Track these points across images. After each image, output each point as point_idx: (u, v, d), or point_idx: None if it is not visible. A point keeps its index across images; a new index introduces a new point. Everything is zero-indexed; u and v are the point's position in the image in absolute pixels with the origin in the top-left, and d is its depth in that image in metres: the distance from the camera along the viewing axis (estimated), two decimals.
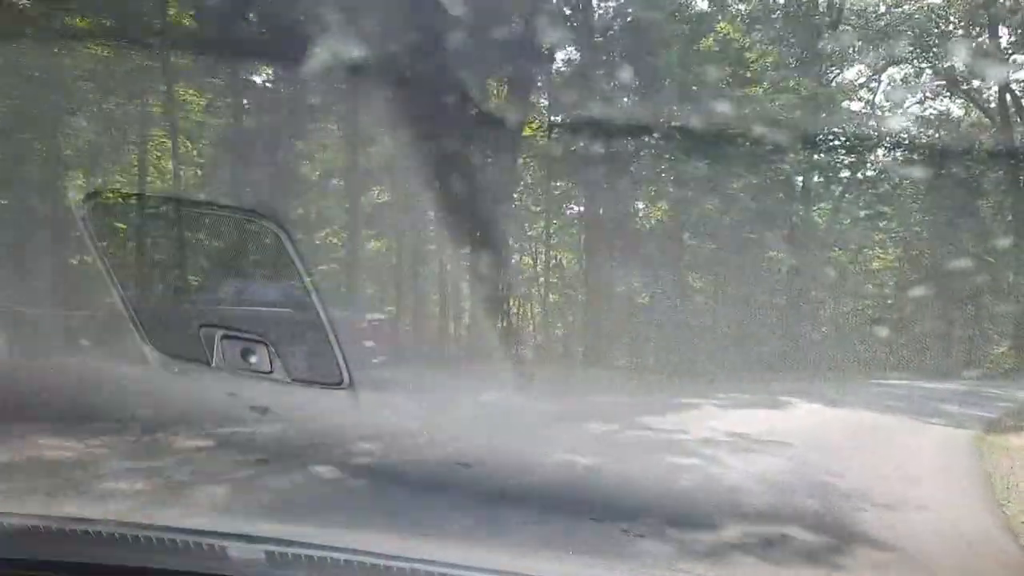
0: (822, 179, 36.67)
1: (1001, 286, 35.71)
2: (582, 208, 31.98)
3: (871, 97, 41.28)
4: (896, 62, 39.47)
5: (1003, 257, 35.11)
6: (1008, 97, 39.78)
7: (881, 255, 38.66)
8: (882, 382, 26.81)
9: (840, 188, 37.81)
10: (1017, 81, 40.45)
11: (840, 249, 36.96)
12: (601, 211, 30.06)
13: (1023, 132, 39.48)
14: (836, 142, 34.78)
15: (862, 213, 37.80)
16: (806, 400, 18.39)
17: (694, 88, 28.50)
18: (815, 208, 36.86)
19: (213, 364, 4.52)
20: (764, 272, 33.20)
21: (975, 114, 40.85)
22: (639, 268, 29.86)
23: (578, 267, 31.65)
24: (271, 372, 4.50)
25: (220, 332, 4.58)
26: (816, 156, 33.89)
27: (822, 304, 35.67)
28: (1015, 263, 37.42)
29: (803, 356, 29.57)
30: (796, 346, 30.42)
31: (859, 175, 37.59)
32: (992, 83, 40.39)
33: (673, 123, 27.68)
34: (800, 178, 35.37)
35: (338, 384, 4.53)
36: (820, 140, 33.56)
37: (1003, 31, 40.14)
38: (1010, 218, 38.61)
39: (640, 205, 32.55)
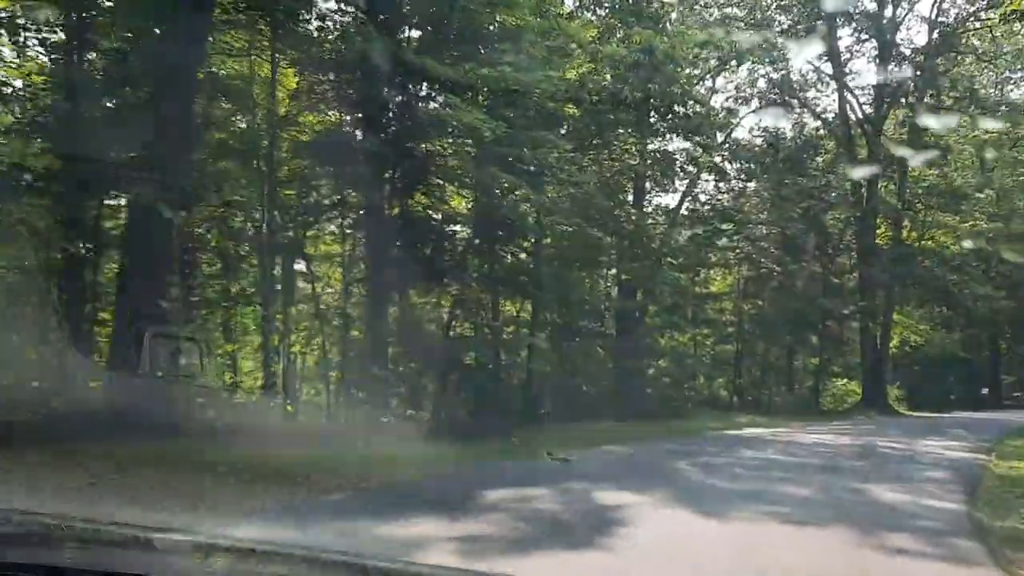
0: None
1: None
2: None
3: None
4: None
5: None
6: (847, 108, 37.87)
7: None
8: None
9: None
10: (859, 88, 38.79)
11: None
12: None
13: (864, 142, 37.10)
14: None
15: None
16: None
17: None
18: None
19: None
20: None
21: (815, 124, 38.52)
22: None
23: None
24: (200, 375, 5.11)
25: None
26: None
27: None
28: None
29: None
30: None
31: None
32: (831, 92, 38.58)
33: None
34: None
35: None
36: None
37: (842, 35, 38.28)
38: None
39: None
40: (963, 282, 37.20)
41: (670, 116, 25.22)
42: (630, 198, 29.46)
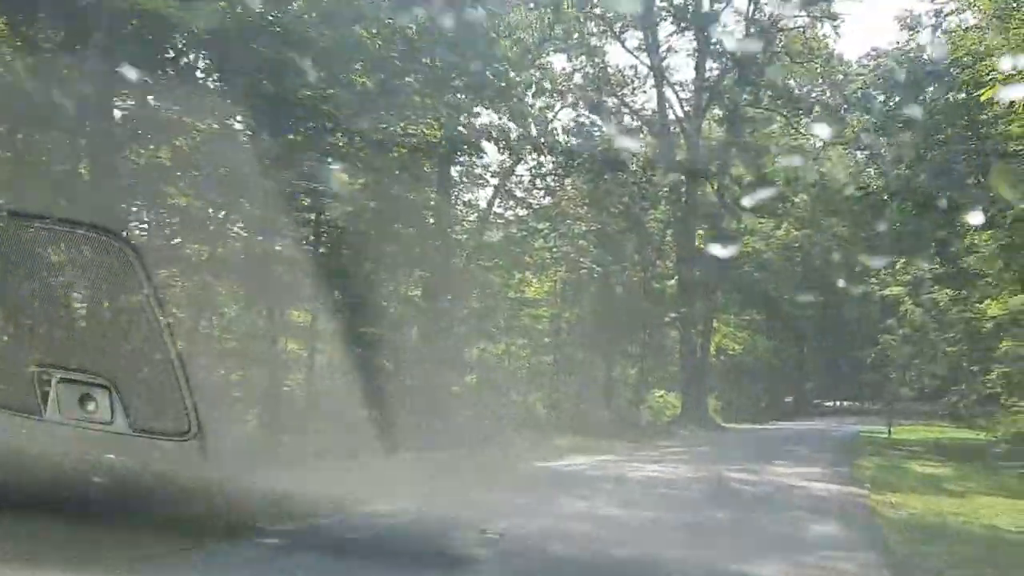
0: None
1: None
2: None
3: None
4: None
5: None
6: (666, 105, 35.82)
7: None
8: None
9: None
10: (680, 85, 36.81)
11: None
12: None
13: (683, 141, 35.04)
14: None
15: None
16: None
17: None
18: None
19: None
20: None
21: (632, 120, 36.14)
22: None
23: None
24: (111, 422, 4.03)
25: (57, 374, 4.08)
26: None
27: None
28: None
29: None
30: None
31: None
32: (649, 87, 36.46)
33: None
34: None
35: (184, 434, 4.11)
36: None
37: (661, 29, 36.25)
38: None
39: None
40: (780, 287, 36.07)
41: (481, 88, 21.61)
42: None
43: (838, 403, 58.91)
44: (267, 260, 18.05)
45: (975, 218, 24.29)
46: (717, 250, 33.56)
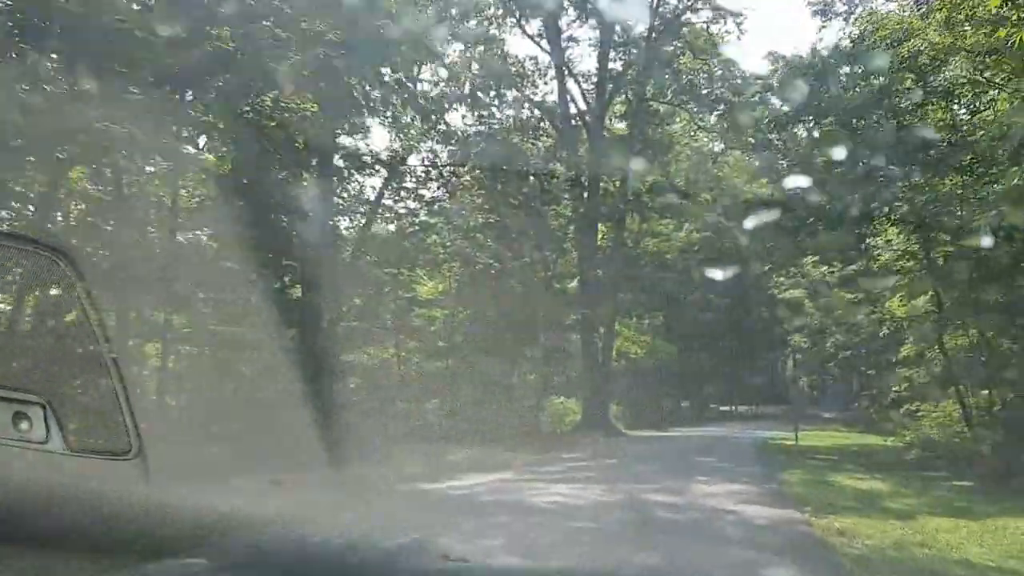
0: None
1: None
2: None
3: None
4: None
5: None
6: (568, 97, 34.09)
7: None
8: None
9: None
10: (583, 75, 35.02)
11: None
12: None
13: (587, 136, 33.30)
14: None
15: None
16: None
17: None
18: None
19: None
20: None
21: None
22: None
23: None
24: (46, 441, 3.97)
25: None
26: None
27: None
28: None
29: None
30: None
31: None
32: (550, 79, 34.60)
33: None
34: None
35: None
36: None
37: (564, 17, 34.49)
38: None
39: None
40: (682, 289, 34.81)
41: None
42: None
43: (735, 408, 58.70)
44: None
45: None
46: (619, 249, 31.97)
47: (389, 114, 26.04)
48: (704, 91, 34.10)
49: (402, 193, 27.86)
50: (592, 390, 33.42)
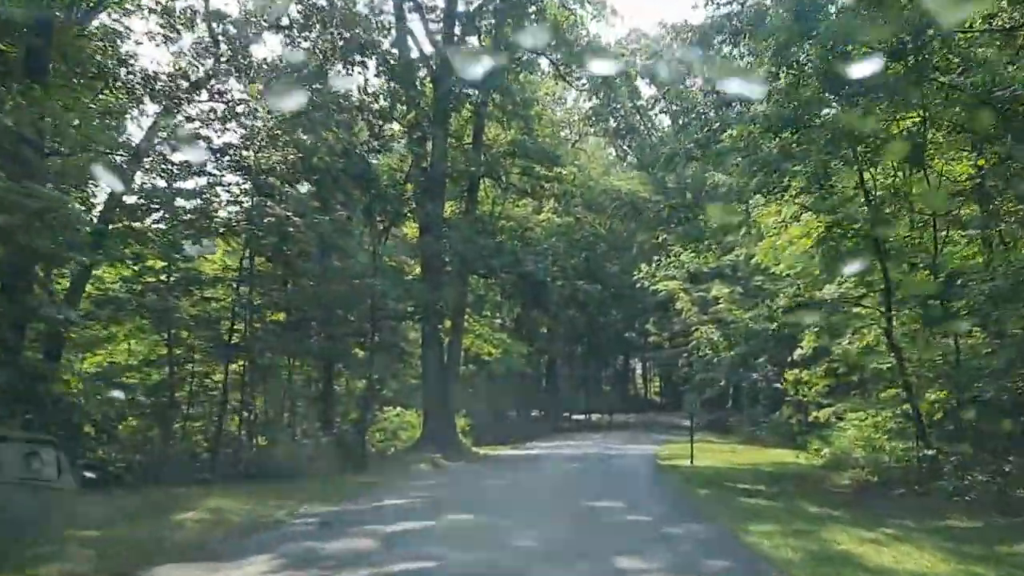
0: None
1: None
2: None
3: None
4: None
5: None
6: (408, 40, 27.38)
7: None
8: None
9: None
10: (428, 9, 28.19)
11: None
12: None
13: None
14: None
15: None
16: None
17: None
18: None
19: None
20: None
21: None
22: None
23: None
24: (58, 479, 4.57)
25: None
26: None
27: None
28: None
29: None
30: None
31: None
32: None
33: None
34: None
35: None
36: None
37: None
38: None
39: None
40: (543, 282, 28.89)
41: None
42: None
43: (590, 416, 53.77)
44: None
45: None
46: (471, 223, 25.60)
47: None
48: (570, 38, 28.30)
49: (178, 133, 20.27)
50: (435, 399, 26.89)
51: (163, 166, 19.46)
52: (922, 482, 15.04)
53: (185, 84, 20.21)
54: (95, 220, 17.87)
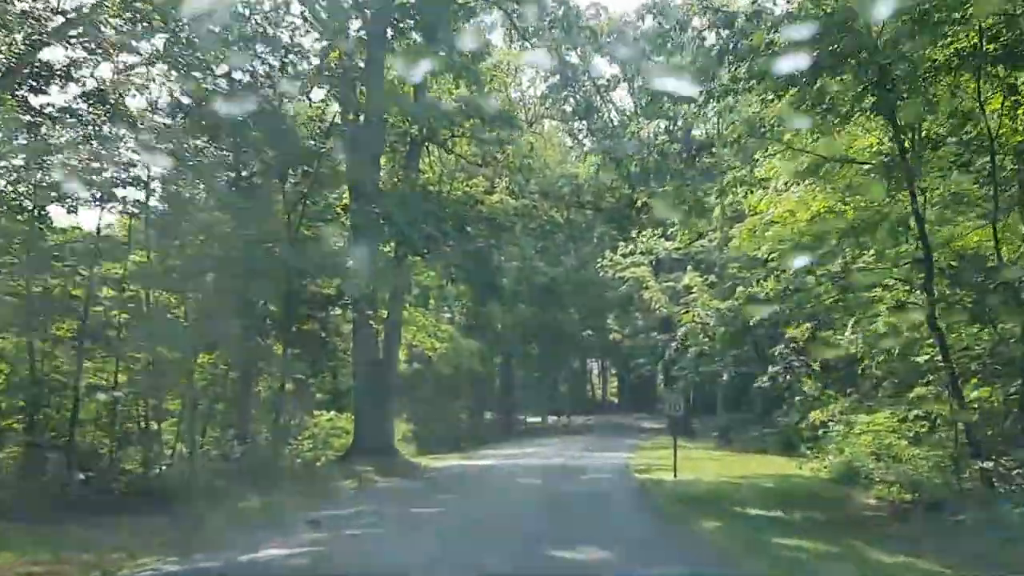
0: None
1: None
2: None
3: None
4: None
5: None
6: None
7: None
8: None
9: None
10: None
11: None
12: None
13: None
14: None
15: None
16: None
17: None
18: None
19: None
20: None
21: None
22: None
23: None
24: None
25: None
26: None
27: None
28: None
29: None
30: None
31: None
32: None
33: None
34: None
35: None
36: None
37: None
38: None
39: None
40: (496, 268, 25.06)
41: None
42: None
43: (545, 419, 50.14)
44: None
45: None
46: (411, 191, 21.57)
47: None
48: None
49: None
50: (369, 401, 22.89)
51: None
52: (985, 503, 11.62)
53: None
54: None
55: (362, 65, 20.04)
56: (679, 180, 17.72)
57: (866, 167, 13.87)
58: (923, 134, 12.94)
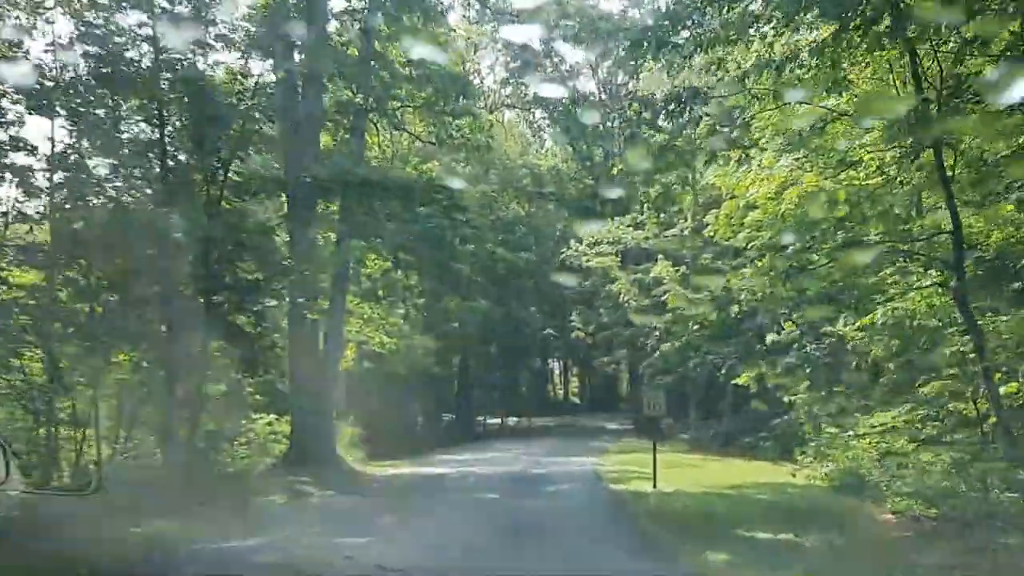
0: None
1: None
2: None
3: None
4: None
5: None
6: None
7: None
8: None
9: None
10: None
11: None
12: None
13: None
14: None
15: None
16: None
17: None
18: None
19: None
20: None
21: None
22: None
23: None
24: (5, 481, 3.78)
25: None
26: None
27: None
28: None
29: None
30: None
31: None
32: None
33: None
34: None
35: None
36: None
37: None
38: None
39: None
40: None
41: None
42: None
43: (505, 421, 47.91)
44: None
45: None
46: (358, 166, 19.07)
47: None
48: None
49: None
50: (307, 403, 20.41)
51: None
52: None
53: None
54: None
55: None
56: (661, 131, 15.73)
57: (882, 122, 11.82)
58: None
